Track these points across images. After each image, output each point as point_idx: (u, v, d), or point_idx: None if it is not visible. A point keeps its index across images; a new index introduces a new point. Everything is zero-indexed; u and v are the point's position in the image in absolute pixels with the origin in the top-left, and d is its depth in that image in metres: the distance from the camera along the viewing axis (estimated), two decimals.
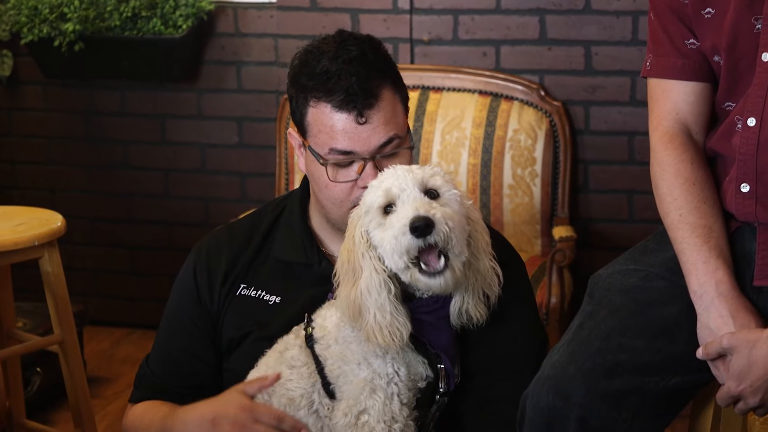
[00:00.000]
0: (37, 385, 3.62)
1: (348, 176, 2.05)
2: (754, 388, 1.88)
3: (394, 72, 2.10)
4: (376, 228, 1.92)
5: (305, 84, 2.05)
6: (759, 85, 1.94)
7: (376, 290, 1.90)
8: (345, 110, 2.02)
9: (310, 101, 2.05)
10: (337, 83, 2.01)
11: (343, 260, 1.95)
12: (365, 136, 2.02)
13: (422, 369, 1.97)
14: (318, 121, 2.05)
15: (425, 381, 1.98)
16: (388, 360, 1.94)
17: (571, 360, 1.93)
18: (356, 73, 2.02)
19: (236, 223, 2.26)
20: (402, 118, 2.08)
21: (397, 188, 1.90)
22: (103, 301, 4.39)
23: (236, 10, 4.07)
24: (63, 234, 3.04)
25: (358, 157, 2.04)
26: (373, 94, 2.02)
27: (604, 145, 3.85)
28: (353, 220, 1.96)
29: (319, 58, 2.04)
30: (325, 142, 2.04)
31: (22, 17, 3.96)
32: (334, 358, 1.96)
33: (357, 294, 1.91)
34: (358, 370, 1.94)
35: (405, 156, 2.08)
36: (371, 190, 1.94)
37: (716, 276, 1.94)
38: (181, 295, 2.22)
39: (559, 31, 3.82)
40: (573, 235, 3.61)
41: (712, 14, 1.99)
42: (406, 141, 2.08)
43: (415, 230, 1.83)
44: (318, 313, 2.03)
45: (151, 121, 4.22)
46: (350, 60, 2.03)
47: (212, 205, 4.22)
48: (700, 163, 2.05)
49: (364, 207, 1.94)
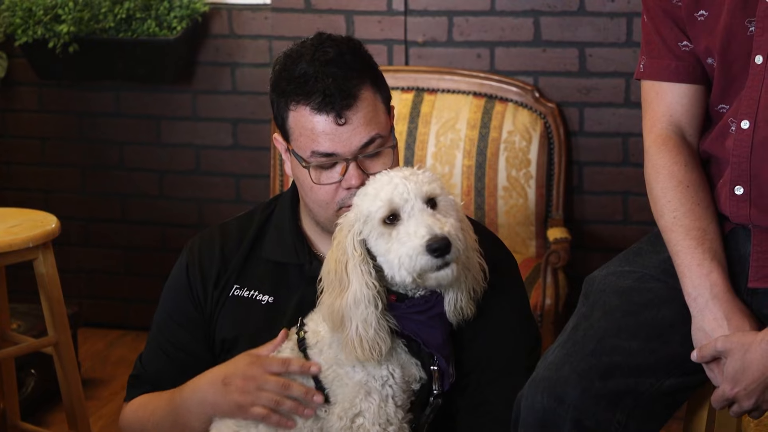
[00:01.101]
0: (31, 386, 3.62)
1: (331, 178, 2.05)
2: (749, 391, 1.88)
3: (373, 71, 2.09)
4: (377, 239, 1.91)
5: (285, 88, 2.06)
6: (752, 87, 1.94)
7: (364, 304, 1.90)
8: (324, 112, 2.02)
9: (290, 105, 2.06)
10: (314, 86, 2.01)
11: (330, 268, 1.94)
12: (346, 137, 2.02)
13: (416, 371, 1.98)
14: (298, 125, 2.05)
15: (419, 383, 1.99)
16: (383, 362, 1.94)
17: (566, 361, 1.93)
18: (332, 75, 2.01)
19: (227, 224, 2.26)
20: (384, 117, 2.08)
21: (400, 198, 1.89)
22: (97, 303, 4.39)
23: (231, 12, 4.07)
24: (57, 235, 3.04)
25: (340, 158, 2.03)
26: (351, 94, 2.02)
27: (599, 146, 3.85)
28: (343, 228, 1.95)
29: (297, 61, 2.05)
30: (306, 145, 2.04)
31: (17, 19, 3.96)
32: (328, 362, 1.96)
33: (343, 304, 1.90)
34: (353, 373, 1.94)
35: (388, 155, 2.07)
36: (368, 199, 1.93)
37: (710, 278, 1.94)
38: (174, 293, 2.22)
39: (554, 32, 3.82)
40: (567, 237, 3.61)
41: (705, 16, 1.99)
42: (389, 140, 2.08)
43: (434, 251, 1.85)
44: (310, 317, 2.03)
45: (146, 122, 4.22)
46: (326, 62, 2.03)
47: (207, 206, 4.22)
48: (694, 165, 2.05)
49: (360, 215, 1.93)
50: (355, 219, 1.94)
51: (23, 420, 3.34)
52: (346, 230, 1.94)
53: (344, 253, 1.93)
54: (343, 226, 1.96)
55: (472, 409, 2.02)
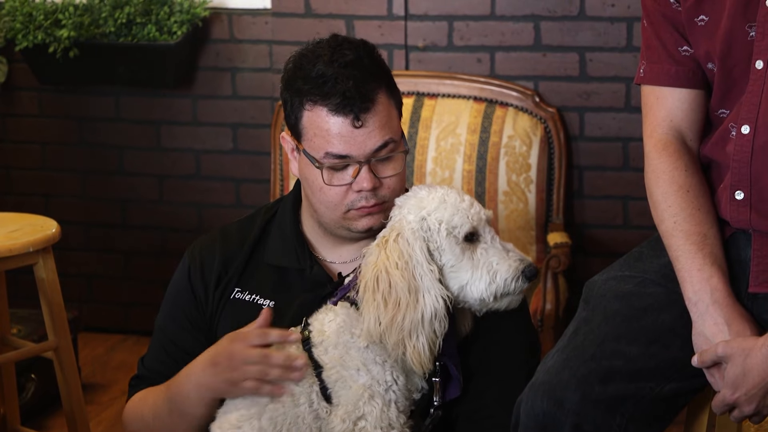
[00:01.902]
0: (31, 391, 3.61)
1: (343, 180, 2.05)
2: (749, 396, 1.88)
3: (388, 77, 2.11)
4: (451, 253, 1.93)
5: (300, 87, 2.06)
6: (753, 92, 1.94)
7: (439, 320, 1.90)
8: (341, 114, 2.02)
9: (306, 105, 2.05)
10: (334, 87, 2.02)
11: (386, 278, 1.91)
12: (361, 140, 2.03)
13: (418, 380, 1.98)
14: (313, 125, 2.05)
15: (420, 393, 1.99)
16: (387, 368, 1.95)
17: (566, 366, 1.93)
18: (352, 77, 2.02)
19: (228, 227, 2.27)
20: (396, 122, 2.09)
21: (484, 218, 1.96)
22: (97, 307, 4.39)
23: (231, 17, 4.07)
24: (57, 240, 3.04)
25: (353, 160, 2.04)
26: (369, 98, 2.03)
27: (599, 151, 3.85)
28: (406, 236, 1.93)
29: (314, 61, 2.05)
30: (320, 145, 2.04)
31: (17, 23, 3.96)
32: (332, 363, 1.96)
33: (414, 318, 1.89)
34: (357, 376, 1.95)
35: (399, 160, 2.08)
36: (445, 211, 1.94)
37: (711, 283, 1.94)
38: (176, 295, 2.23)
39: (554, 37, 3.82)
40: (568, 241, 3.61)
41: (705, 21, 1.99)
42: (400, 145, 2.09)
43: (528, 278, 1.94)
44: (315, 317, 2.03)
45: (146, 127, 4.22)
46: (346, 64, 2.03)
47: (207, 211, 4.21)
48: (694, 170, 2.05)
49: (430, 225, 1.94)
50: (422, 228, 1.94)
51: (23, 425, 3.34)
52: (412, 239, 1.93)
53: (412, 264, 1.91)
54: (403, 234, 1.94)
55: (471, 414, 2.02)
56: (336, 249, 2.17)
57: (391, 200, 2.08)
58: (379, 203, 2.07)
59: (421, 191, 1.99)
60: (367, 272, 1.94)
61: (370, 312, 1.91)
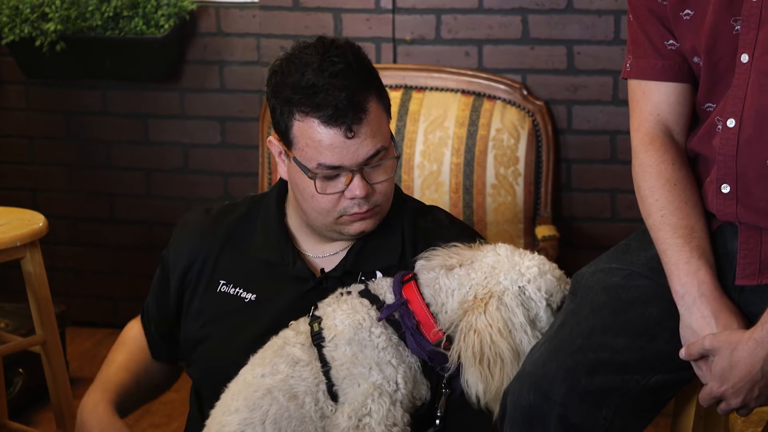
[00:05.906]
0: (19, 385, 3.61)
1: (336, 188, 2.05)
2: (736, 389, 1.88)
3: (377, 81, 2.10)
4: (551, 321, 2.00)
5: (290, 97, 2.04)
6: (738, 86, 1.94)
7: None
8: (334, 126, 2.01)
9: (296, 115, 2.04)
10: (325, 99, 2.00)
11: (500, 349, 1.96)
12: (353, 150, 2.02)
13: (424, 391, 2.01)
14: (305, 135, 2.04)
15: (422, 402, 2.02)
16: (401, 372, 1.97)
17: (553, 358, 1.93)
18: (344, 88, 2.00)
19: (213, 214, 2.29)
20: (387, 128, 2.09)
21: None
22: (85, 302, 4.38)
23: (218, 10, 4.06)
24: (45, 234, 3.03)
25: (346, 170, 2.04)
26: (361, 108, 2.02)
27: (587, 144, 3.86)
28: (507, 300, 1.97)
29: (302, 69, 2.03)
30: (312, 156, 2.04)
31: (3, 17, 3.94)
32: (342, 360, 1.96)
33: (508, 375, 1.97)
34: (369, 375, 1.96)
35: (391, 165, 2.08)
36: (540, 280, 2.00)
37: (698, 276, 1.94)
38: (162, 261, 2.32)
39: (542, 30, 3.82)
40: (556, 234, 3.62)
41: (690, 16, 2.00)
42: (391, 151, 2.09)
43: None
44: (323, 311, 2.02)
45: (134, 120, 4.21)
46: (336, 73, 2.01)
47: (195, 204, 4.20)
48: (681, 163, 2.05)
49: (533, 295, 2.00)
50: (522, 294, 1.99)
51: (11, 419, 3.33)
52: (514, 306, 1.98)
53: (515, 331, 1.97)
54: (504, 300, 1.99)
55: (459, 407, 2.03)
56: (320, 245, 2.18)
57: (383, 204, 2.09)
58: (371, 208, 2.08)
59: (514, 255, 2.03)
60: (469, 338, 1.96)
61: (477, 380, 1.96)
